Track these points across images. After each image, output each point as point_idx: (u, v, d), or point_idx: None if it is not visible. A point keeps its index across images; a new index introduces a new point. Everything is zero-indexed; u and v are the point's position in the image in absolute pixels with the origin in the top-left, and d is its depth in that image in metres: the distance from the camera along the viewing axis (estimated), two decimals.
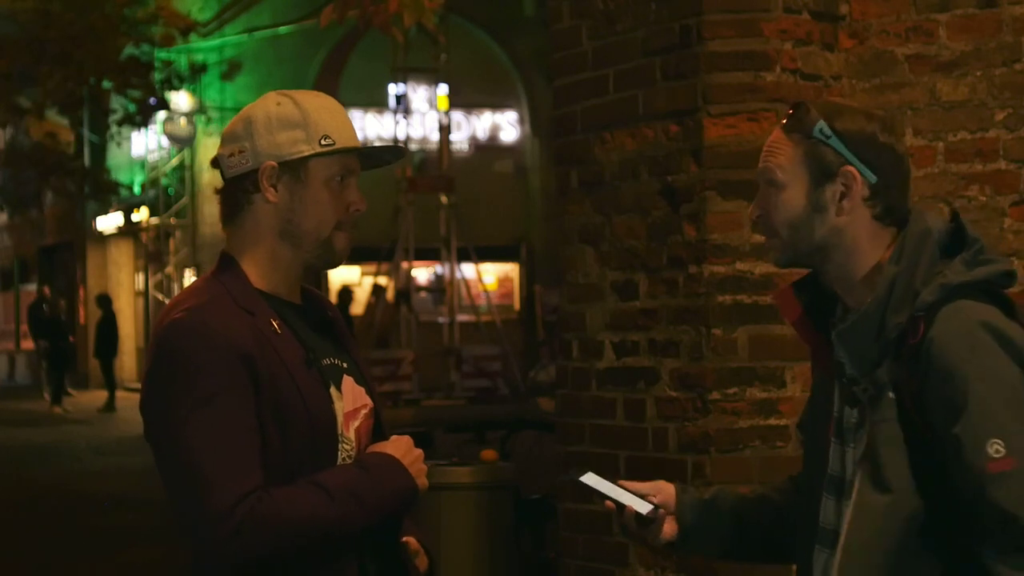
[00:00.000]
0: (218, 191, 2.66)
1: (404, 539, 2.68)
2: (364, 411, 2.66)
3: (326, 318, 2.72)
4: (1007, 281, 2.45)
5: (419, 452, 2.62)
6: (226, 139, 2.63)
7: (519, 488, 6.45)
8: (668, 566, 4.70)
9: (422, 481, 2.60)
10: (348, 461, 2.58)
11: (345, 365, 2.66)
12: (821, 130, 2.45)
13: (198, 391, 2.43)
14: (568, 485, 5.06)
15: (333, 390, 2.60)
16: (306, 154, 2.58)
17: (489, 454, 6.12)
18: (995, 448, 2.29)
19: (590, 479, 2.72)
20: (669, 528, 2.71)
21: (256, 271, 2.61)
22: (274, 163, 2.58)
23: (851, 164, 2.45)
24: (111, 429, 21.07)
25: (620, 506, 2.69)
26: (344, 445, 2.59)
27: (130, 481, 14.39)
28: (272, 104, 2.61)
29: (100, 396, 25.15)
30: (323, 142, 2.58)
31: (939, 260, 2.42)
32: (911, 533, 2.38)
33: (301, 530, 2.44)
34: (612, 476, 4.81)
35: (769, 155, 2.52)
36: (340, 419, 2.59)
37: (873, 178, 2.45)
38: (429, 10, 6.67)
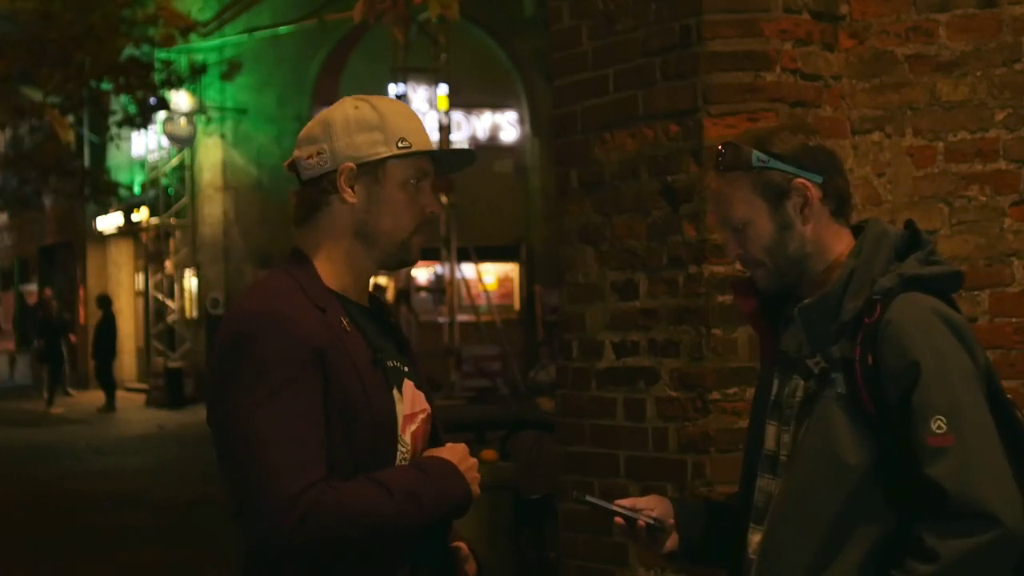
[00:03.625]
0: (295, 193, 2.70)
1: (455, 544, 2.73)
2: (422, 415, 2.69)
3: (389, 322, 2.76)
4: (955, 282, 2.65)
5: (473, 461, 2.66)
6: (303, 142, 2.68)
7: (519, 488, 6.45)
8: (668, 566, 4.70)
9: (475, 488, 2.64)
10: (403, 463, 2.61)
11: (406, 369, 2.70)
12: (759, 158, 2.62)
13: (270, 381, 2.46)
14: (569, 486, 5.06)
15: (395, 392, 2.63)
16: (384, 155, 2.63)
17: (489, 454, 6.13)
18: (938, 424, 2.47)
19: (594, 500, 2.79)
20: (671, 540, 2.81)
21: (329, 270, 2.65)
22: (352, 164, 2.62)
23: (798, 176, 2.62)
24: (111, 429, 21.08)
25: (631, 520, 2.76)
26: (401, 448, 2.62)
27: (130, 481, 14.41)
28: (350, 108, 2.66)
29: (100, 396, 25.14)
30: (400, 144, 2.64)
31: (894, 259, 2.61)
32: (853, 500, 2.53)
33: (361, 522, 2.48)
34: (612, 476, 4.83)
35: (722, 204, 2.68)
36: (400, 421, 2.62)
37: (819, 178, 2.63)
38: (454, 1, 6.70)
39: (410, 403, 2.66)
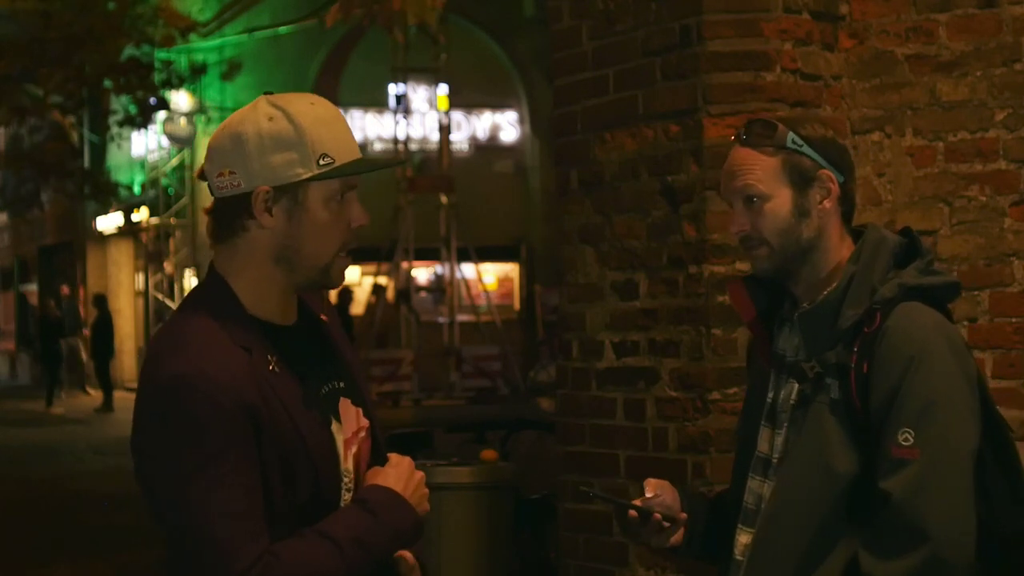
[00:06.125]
0: (207, 211, 2.46)
1: (399, 553, 2.54)
2: (362, 434, 2.53)
3: (320, 330, 2.57)
4: (954, 292, 2.63)
5: (420, 476, 2.51)
6: (213, 156, 2.42)
7: (519, 488, 6.45)
8: (668, 566, 4.70)
9: (424, 507, 2.50)
10: (348, 493, 2.47)
11: (342, 385, 2.52)
12: (793, 140, 2.60)
13: (202, 450, 2.29)
14: (569, 485, 5.06)
15: (334, 423, 2.47)
16: (303, 177, 2.38)
17: (489, 454, 6.12)
18: (904, 436, 2.45)
19: (605, 495, 2.81)
20: (677, 535, 2.78)
21: (250, 296, 2.43)
22: (268, 187, 2.38)
23: (825, 168, 2.61)
24: (111, 429, 21.07)
25: (646, 514, 2.73)
26: (344, 478, 2.47)
27: (130, 481, 14.25)
28: (263, 119, 2.39)
29: (100, 397, 25.15)
30: (322, 162, 2.38)
31: (893, 267, 2.59)
32: (840, 508, 2.52)
33: None
34: (612, 476, 4.83)
35: (744, 172, 2.63)
36: (341, 453, 2.47)
37: (841, 178, 2.62)
38: (431, 10, 6.68)
39: (349, 425, 2.49)
